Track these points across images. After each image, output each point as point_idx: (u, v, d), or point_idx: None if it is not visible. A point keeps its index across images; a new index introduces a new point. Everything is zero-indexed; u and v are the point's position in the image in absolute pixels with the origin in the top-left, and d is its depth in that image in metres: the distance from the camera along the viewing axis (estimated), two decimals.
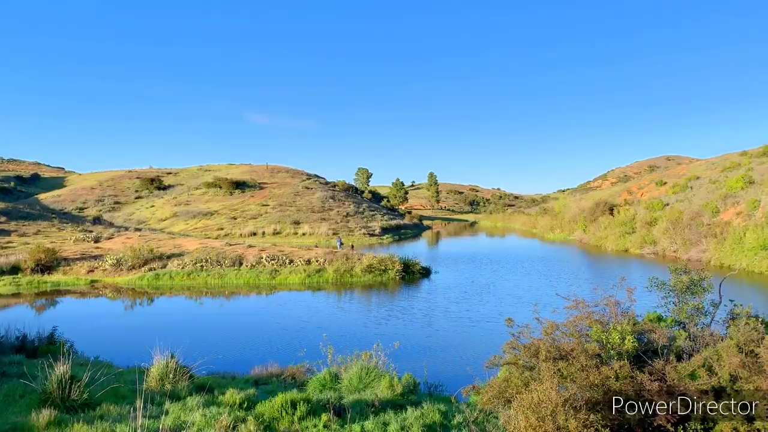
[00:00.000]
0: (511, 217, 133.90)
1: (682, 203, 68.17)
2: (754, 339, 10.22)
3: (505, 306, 29.92)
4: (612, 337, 9.97)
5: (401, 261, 42.57)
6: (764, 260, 44.13)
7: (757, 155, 72.18)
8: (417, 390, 14.50)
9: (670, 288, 12.86)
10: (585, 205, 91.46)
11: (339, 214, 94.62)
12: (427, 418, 11.00)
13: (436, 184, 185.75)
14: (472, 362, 17.89)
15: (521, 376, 9.49)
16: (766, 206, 53.34)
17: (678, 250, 54.62)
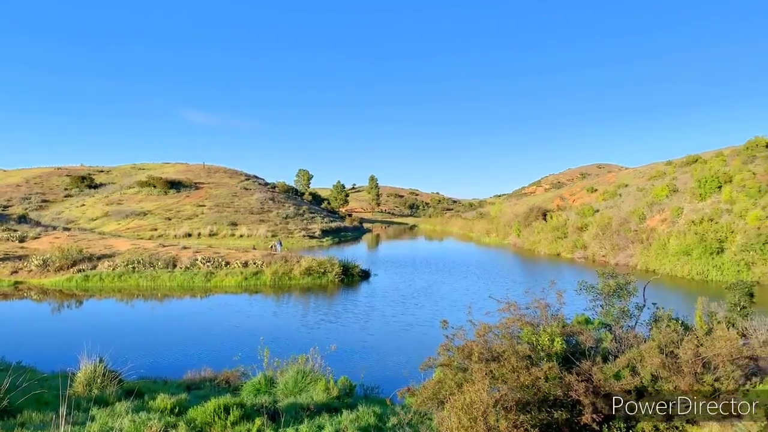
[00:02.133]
0: (450, 221, 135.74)
1: (611, 210, 70.90)
2: (674, 340, 10.76)
3: (441, 309, 30.31)
4: (542, 338, 10.28)
5: (341, 264, 42.46)
6: (686, 265, 46.46)
7: (680, 165, 75.83)
8: (353, 393, 14.51)
9: (598, 291, 13.40)
10: (519, 210, 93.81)
11: (278, 216, 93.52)
12: (362, 421, 11.02)
13: (377, 187, 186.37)
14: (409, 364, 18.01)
15: (455, 377, 9.65)
16: (688, 214, 56.15)
17: (607, 255, 56.77)
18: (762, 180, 55.42)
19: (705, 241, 46.73)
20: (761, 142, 65.37)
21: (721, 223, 49.98)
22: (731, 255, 44.74)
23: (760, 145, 64.51)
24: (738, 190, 55.39)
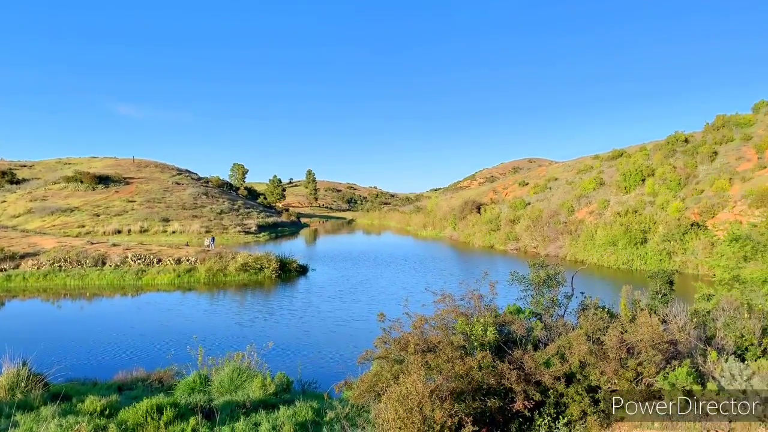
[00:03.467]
0: (387, 215, 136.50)
1: (542, 202, 73.06)
2: (600, 328, 11.19)
3: (378, 303, 30.49)
4: (475, 329, 10.50)
5: (278, 259, 42.04)
6: (612, 255, 48.48)
7: (606, 159, 78.92)
8: (290, 389, 14.43)
9: (529, 282, 13.79)
10: (455, 203, 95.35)
11: (212, 212, 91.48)
12: (299, 416, 10.98)
13: (314, 181, 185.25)
14: (346, 359, 18.11)
15: (391, 369, 9.73)
16: (614, 206, 58.51)
17: (538, 246, 58.52)
18: (682, 173, 58.36)
19: (630, 232, 48.86)
20: (681, 137, 68.79)
21: (644, 215, 52.34)
22: (654, 245, 46.96)
23: (680, 140, 67.90)
24: (660, 183, 58.16)
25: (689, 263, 42.74)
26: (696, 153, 61.79)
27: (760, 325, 12.36)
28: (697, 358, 10.96)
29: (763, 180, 48.83)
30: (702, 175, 56.73)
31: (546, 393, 9.91)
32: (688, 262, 43.03)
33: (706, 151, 60.31)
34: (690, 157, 61.64)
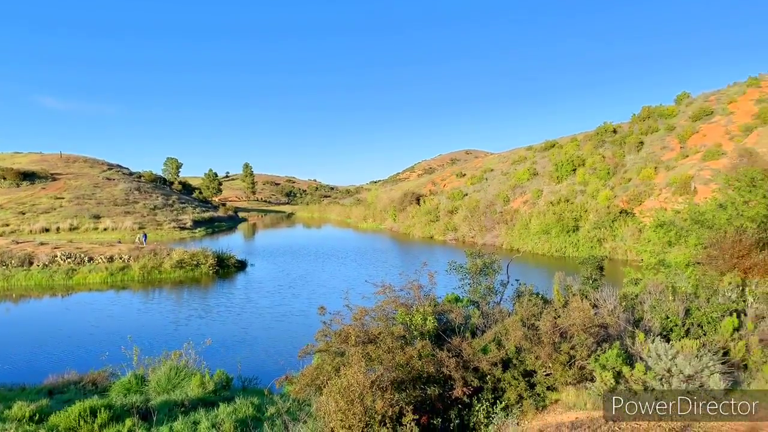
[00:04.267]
0: (327, 208, 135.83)
1: (478, 193, 74.46)
2: (534, 314, 11.56)
3: (319, 296, 30.38)
4: (415, 318, 10.64)
5: (215, 255, 41.17)
6: (546, 243, 49.96)
7: (540, 150, 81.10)
8: (230, 386, 14.25)
9: (467, 271, 14.08)
10: (395, 195, 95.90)
11: (145, 207, 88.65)
12: (240, 413, 10.85)
13: (252, 175, 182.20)
14: (287, 353, 17.97)
15: (332, 362, 9.75)
16: (547, 195, 60.25)
17: (476, 236, 59.65)
18: (610, 163, 60.64)
19: (562, 221, 50.45)
20: (609, 127, 71.41)
21: (576, 204, 54.15)
22: (585, 232, 48.67)
23: (609, 131, 70.48)
24: (590, 173, 60.25)
25: (618, 249, 44.52)
26: (624, 143, 64.30)
27: (683, 307, 13.02)
28: (626, 340, 11.46)
29: (685, 168, 51.33)
30: (629, 164, 59.12)
31: (484, 379, 10.15)
32: (617, 248, 44.82)
33: (633, 141, 62.85)
34: (618, 147, 64.09)
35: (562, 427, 8.33)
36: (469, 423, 9.36)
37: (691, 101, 70.17)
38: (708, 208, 19.12)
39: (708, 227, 17.48)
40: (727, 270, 14.81)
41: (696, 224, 18.32)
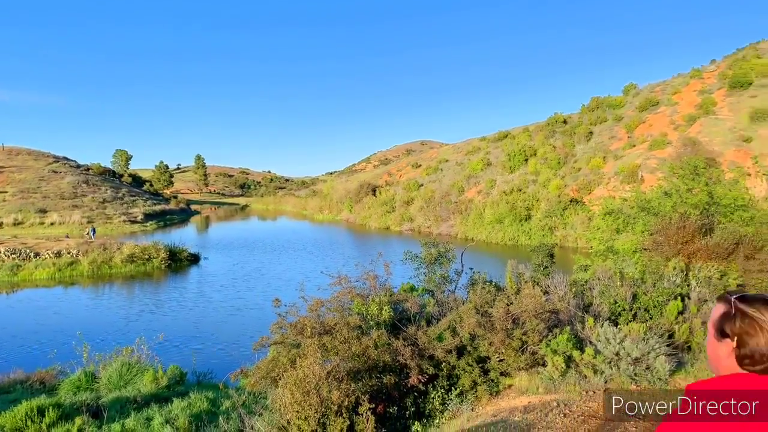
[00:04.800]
0: (282, 200, 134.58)
1: (434, 183, 75.02)
2: (488, 301, 11.74)
3: (274, 289, 30.15)
4: (371, 308, 10.67)
5: (167, 248, 40.33)
6: (499, 232, 50.76)
7: (493, 140, 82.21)
8: (184, 380, 14.05)
9: (422, 260, 14.18)
10: (351, 186, 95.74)
11: (94, 201, 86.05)
12: (194, 408, 10.71)
13: (204, 167, 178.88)
14: (242, 347, 17.78)
15: (288, 354, 9.71)
16: (500, 185, 61.16)
17: (431, 226, 60.14)
18: (561, 152, 61.92)
19: (515, 210, 51.34)
20: (559, 118, 72.83)
21: (528, 193, 55.15)
22: (537, 221, 49.67)
23: (559, 121, 71.89)
24: (542, 162, 61.40)
25: (569, 237, 45.61)
26: (573, 133, 65.74)
27: (630, 292, 13.45)
28: (577, 325, 11.78)
29: (632, 158, 52.84)
30: (579, 154, 60.50)
31: (439, 366, 10.28)
32: (568, 236, 45.90)
33: (583, 132, 64.32)
34: (568, 138, 65.49)
35: (515, 411, 8.51)
36: (425, 410, 9.47)
37: (638, 92, 72.21)
38: (654, 196, 19.73)
39: (654, 214, 18.05)
40: (672, 255, 15.34)
41: (642, 212, 18.90)
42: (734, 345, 1.82)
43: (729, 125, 52.78)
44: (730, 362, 1.83)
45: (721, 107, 57.34)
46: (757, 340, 1.77)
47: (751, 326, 1.79)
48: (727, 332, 1.84)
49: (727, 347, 1.84)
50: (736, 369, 1.82)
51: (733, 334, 1.83)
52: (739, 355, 1.81)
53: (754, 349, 1.78)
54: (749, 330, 1.79)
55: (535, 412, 8.26)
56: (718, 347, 1.87)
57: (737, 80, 59.58)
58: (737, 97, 57.97)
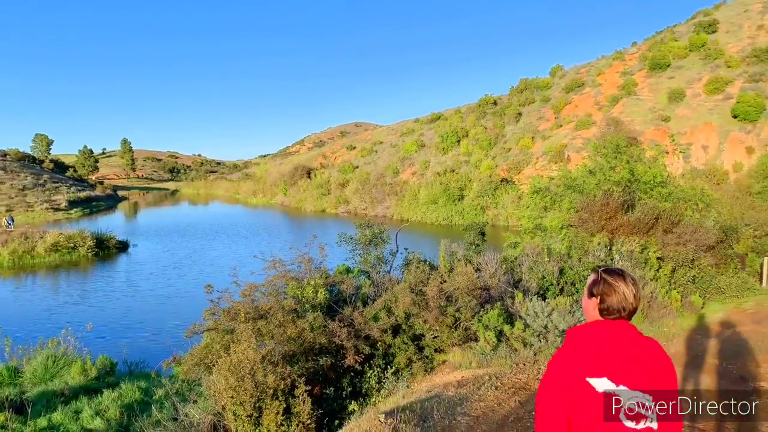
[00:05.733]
0: (214, 184, 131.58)
1: (369, 165, 75.13)
2: (422, 280, 11.94)
3: (207, 275, 29.53)
4: (306, 291, 10.67)
5: (94, 236, 38.72)
6: (434, 212, 51.51)
7: (426, 122, 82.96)
8: (115, 371, 13.68)
9: (357, 242, 14.27)
10: (285, 169, 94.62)
11: (13, 188, 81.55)
12: (126, 398, 10.46)
13: (131, 151, 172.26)
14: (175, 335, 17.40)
15: (222, 340, 9.59)
16: (434, 166, 61.90)
17: (367, 208, 60.36)
18: (492, 133, 63.16)
19: (449, 190, 52.16)
20: (490, 99, 74.16)
21: (461, 173, 56.10)
22: (470, 201, 50.68)
23: (490, 103, 73.20)
24: (473, 143, 62.50)
25: (500, 216, 46.80)
26: (503, 114, 67.14)
27: (557, 267, 13.97)
28: (507, 300, 12.15)
29: (559, 138, 54.52)
30: (509, 134, 61.91)
31: (375, 346, 10.41)
32: (499, 214, 47.09)
33: (512, 113, 65.77)
34: (498, 118, 66.85)
35: (449, 386, 8.73)
36: (362, 389, 9.59)
37: (564, 74, 74.31)
38: (579, 175, 20.46)
39: (579, 192, 18.74)
40: (597, 231, 15.99)
41: (569, 189, 19.58)
42: (598, 302, 2.65)
43: (649, 105, 55.20)
44: (595, 313, 2.68)
45: (642, 88, 59.83)
46: (612, 298, 2.61)
47: (609, 289, 2.63)
48: (594, 293, 2.68)
49: (594, 303, 2.68)
50: (598, 317, 2.67)
51: (597, 294, 2.66)
52: (601, 308, 2.65)
53: (610, 304, 2.62)
54: (608, 292, 2.63)
55: (468, 386, 8.51)
56: (588, 303, 2.72)
57: (656, 62, 62.23)
58: (656, 79, 60.60)
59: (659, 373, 2.53)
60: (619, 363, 2.49)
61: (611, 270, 2.70)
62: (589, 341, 2.58)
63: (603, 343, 2.54)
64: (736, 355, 10.31)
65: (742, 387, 8.69)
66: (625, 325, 2.61)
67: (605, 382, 2.47)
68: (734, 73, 55.92)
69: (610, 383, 2.46)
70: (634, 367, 2.50)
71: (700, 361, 10.03)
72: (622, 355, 2.51)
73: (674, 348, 10.89)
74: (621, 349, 2.52)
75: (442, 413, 7.31)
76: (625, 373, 2.48)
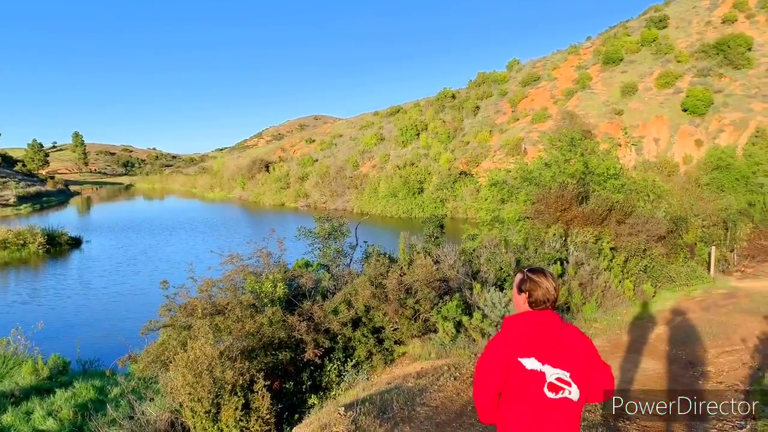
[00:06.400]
0: (170, 178, 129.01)
1: (328, 159, 74.83)
2: (382, 273, 11.96)
3: (164, 271, 29.02)
4: (265, 286, 10.57)
5: (44, 232, 37.59)
6: (394, 206, 51.69)
7: (386, 115, 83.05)
8: (68, 370, 13.35)
9: (315, 235, 14.20)
10: (243, 163, 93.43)
11: None
12: (79, 398, 10.22)
13: (83, 144, 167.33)
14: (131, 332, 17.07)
15: (179, 336, 9.45)
16: (394, 159, 62.04)
17: (327, 202, 60.16)
18: (451, 127, 63.63)
19: (408, 183, 52.39)
20: (449, 93, 74.65)
21: (420, 167, 56.38)
22: (429, 194, 51.01)
23: (448, 96, 73.69)
24: (432, 137, 62.86)
25: (459, 208, 47.25)
26: (462, 108, 67.71)
27: (514, 258, 14.19)
28: (465, 291, 12.29)
29: (516, 131, 55.29)
30: (468, 128, 62.48)
31: (335, 339, 10.41)
32: (458, 207, 47.54)
33: (470, 106, 66.37)
34: (457, 112, 67.39)
35: (408, 377, 8.80)
36: (322, 383, 9.58)
37: (520, 67, 75.33)
38: (535, 167, 20.77)
39: (535, 184, 19.02)
40: (552, 222, 16.28)
41: (525, 182, 19.85)
42: (527, 296, 3.17)
43: (603, 99, 56.44)
44: (525, 306, 3.20)
45: (596, 82, 61.13)
46: (538, 292, 3.14)
47: (534, 285, 3.15)
48: (523, 289, 3.20)
49: (523, 298, 3.19)
50: (527, 309, 3.18)
51: (525, 290, 3.18)
52: (530, 302, 3.17)
53: (537, 297, 3.14)
54: (534, 288, 3.15)
55: (427, 377, 8.59)
56: (518, 298, 3.24)
57: (609, 57, 63.64)
58: (610, 73, 61.99)
59: (577, 354, 3.13)
60: (545, 346, 3.07)
61: (534, 269, 3.25)
62: (521, 328, 3.12)
63: (532, 330, 3.10)
64: (685, 342, 10.68)
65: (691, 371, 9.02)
66: (550, 314, 3.15)
67: (533, 361, 3.04)
68: (684, 67, 57.65)
69: (536, 362, 3.04)
70: (557, 349, 3.08)
71: (651, 347, 10.37)
72: (547, 340, 3.08)
73: (627, 336, 11.22)
74: (546, 335, 3.09)
75: (401, 404, 7.37)
76: (549, 354, 3.06)
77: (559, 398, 3.05)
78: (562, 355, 3.08)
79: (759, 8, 62.82)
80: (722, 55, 56.11)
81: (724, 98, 51.04)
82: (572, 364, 3.09)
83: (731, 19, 62.77)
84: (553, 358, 3.06)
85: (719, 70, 55.02)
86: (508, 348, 3.09)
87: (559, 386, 3.04)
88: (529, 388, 3.04)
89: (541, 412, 3.06)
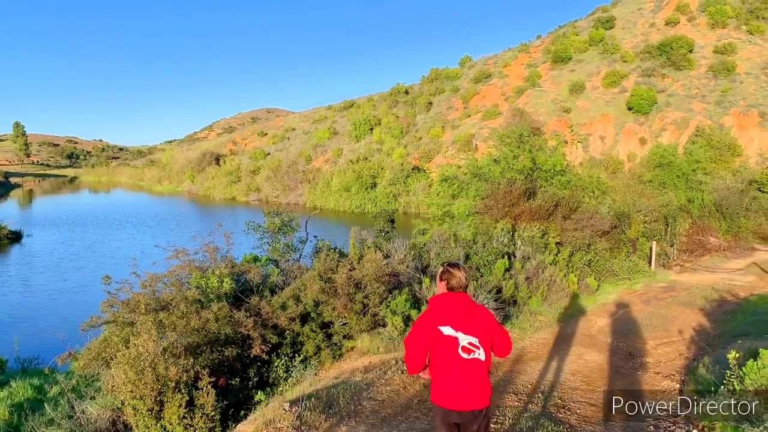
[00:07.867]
0: (117, 171, 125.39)
1: (281, 153, 74.09)
2: (332, 267, 11.93)
3: (107, 267, 28.14)
4: (211, 281, 10.40)
5: None
6: (347, 200, 51.61)
7: (339, 109, 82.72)
8: (5, 369, 12.91)
9: (265, 230, 14.05)
10: (192, 156, 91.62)
11: None
12: (17, 397, 9.88)
13: (25, 135, 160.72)
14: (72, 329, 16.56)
15: (121, 333, 9.22)
16: (347, 154, 61.91)
17: (279, 196, 59.59)
18: (404, 122, 63.87)
19: (361, 178, 52.37)
20: (402, 88, 74.90)
21: (373, 161, 56.43)
22: (382, 189, 51.11)
23: (401, 92, 73.93)
24: (386, 132, 62.98)
25: (412, 203, 47.53)
26: (415, 103, 68.04)
27: (464, 252, 14.38)
28: (415, 285, 12.38)
29: (468, 127, 55.93)
30: (420, 123, 62.84)
31: (283, 335, 10.34)
32: (410, 202, 47.81)
33: (423, 102, 66.77)
34: (410, 108, 67.68)
35: (356, 371, 8.83)
36: (269, 379, 9.51)
37: (472, 64, 76.15)
38: (485, 163, 21.04)
39: (485, 180, 19.27)
40: (501, 218, 16.55)
41: (475, 178, 20.09)
42: (445, 284, 4.16)
43: (552, 97, 57.63)
44: (444, 290, 4.16)
45: (545, 80, 62.36)
46: (453, 281, 4.12)
47: (450, 276, 4.14)
48: (443, 278, 4.18)
49: (443, 285, 4.17)
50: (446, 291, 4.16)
51: (444, 279, 4.17)
52: (447, 287, 4.15)
53: (452, 284, 4.13)
54: (450, 278, 4.14)
55: (374, 371, 8.63)
56: (440, 285, 4.20)
57: (559, 55, 65.00)
58: (559, 71, 63.34)
59: (483, 325, 4.10)
60: (458, 317, 4.04)
61: (452, 263, 4.25)
62: (440, 305, 4.11)
63: (448, 306, 4.08)
64: (626, 333, 11.05)
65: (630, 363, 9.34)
66: (462, 295, 4.15)
67: (449, 329, 4.02)
68: (629, 67, 59.39)
69: (452, 330, 4.02)
70: (468, 320, 4.05)
71: (594, 339, 10.68)
72: (460, 313, 4.06)
73: (571, 328, 11.52)
74: (459, 310, 4.07)
75: (347, 399, 7.39)
76: (461, 324, 4.04)
77: (471, 358, 4.02)
78: (472, 326, 4.06)
79: (700, 12, 65.25)
80: (665, 56, 58.06)
81: (666, 98, 52.86)
82: (479, 333, 4.07)
83: (674, 22, 64.98)
84: (465, 327, 4.03)
85: (662, 71, 56.94)
86: (431, 319, 4.08)
87: (470, 349, 4.02)
88: (448, 350, 4.02)
89: (458, 368, 4.01)
